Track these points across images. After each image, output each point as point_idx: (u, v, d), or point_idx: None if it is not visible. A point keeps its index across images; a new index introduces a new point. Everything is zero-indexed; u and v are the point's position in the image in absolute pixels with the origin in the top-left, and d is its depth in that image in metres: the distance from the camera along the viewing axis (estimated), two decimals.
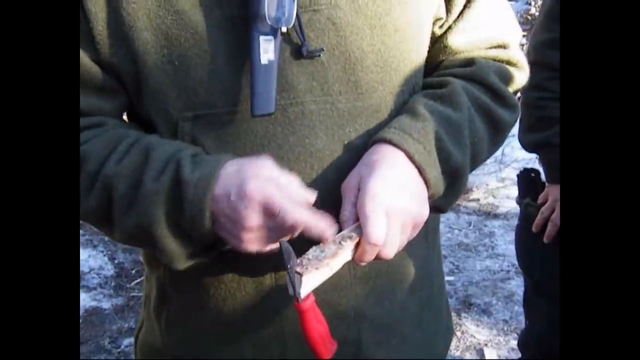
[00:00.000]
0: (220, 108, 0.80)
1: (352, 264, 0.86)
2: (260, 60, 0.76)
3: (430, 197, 0.82)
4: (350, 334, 0.88)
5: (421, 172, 0.80)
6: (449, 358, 2.37)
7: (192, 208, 0.75)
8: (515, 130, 4.31)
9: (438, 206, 0.87)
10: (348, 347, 0.89)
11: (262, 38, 0.76)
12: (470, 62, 0.92)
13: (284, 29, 0.77)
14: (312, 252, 0.75)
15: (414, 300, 0.94)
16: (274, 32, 0.76)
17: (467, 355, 2.40)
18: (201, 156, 0.78)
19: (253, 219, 0.73)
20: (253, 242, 0.75)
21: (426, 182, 0.81)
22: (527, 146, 1.53)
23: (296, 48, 0.79)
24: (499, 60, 0.93)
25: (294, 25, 0.77)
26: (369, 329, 0.89)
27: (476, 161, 0.90)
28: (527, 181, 1.60)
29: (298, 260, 0.73)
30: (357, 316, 0.88)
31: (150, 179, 0.76)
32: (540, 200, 1.53)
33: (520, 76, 0.94)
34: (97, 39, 0.79)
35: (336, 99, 0.81)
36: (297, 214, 0.73)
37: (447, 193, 0.86)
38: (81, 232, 3.09)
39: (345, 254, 0.76)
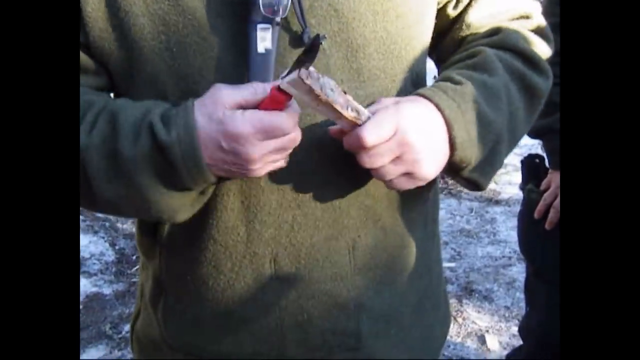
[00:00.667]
0: None
1: (353, 254, 0.85)
2: (257, 49, 0.75)
3: (459, 164, 0.80)
4: (350, 324, 0.88)
5: (449, 129, 0.78)
6: (450, 344, 2.38)
7: (187, 167, 0.74)
8: None
9: (475, 180, 0.84)
10: (348, 338, 0.88)
11: (259, 27, 0.75)
12: (496, 31, 0.89)
13: (278, 19, 0.76)
14: (326, 80, 0.71)
15: (413, 290, 0.93)
16: (270, 20, 0.75)
17: (469, 342, 2.40)
18: (168, 113, 0.76)
19: (256, 150, 0.73)
20: (263, 168, 0.75)
21: (452, 142, 0.78)
22: (531, 132, 1.51)
23: (297, 36, 0.78)
24: None
25: (295, 12, 0.76)
26: (369, 319, 0.89)
27: (515, 133, 0.86)
28: (531, 167, 1.59)
29: (313, 69, 0.70)
30: (357, 307, 0.88)
31: (125, 147, 0.75)
32: (543, 186, 1.52)
33: (548, 46, 0.92)
34: (85, 21, 0.78)
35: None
36: (292, 120, 0.72)
37: (485, 165, 0.83)
38: (82, 217, 3.09)
39: (342, 111, 0.73)
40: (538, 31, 0.92)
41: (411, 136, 0.75)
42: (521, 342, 1.78)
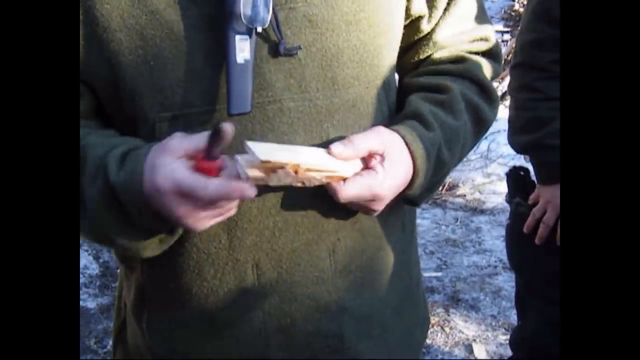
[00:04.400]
0: (198, 108, 0.79)
1: (333, 257, 0.87)
2: (236, 60, 0.76)
3: (404, 197, 0.87)
4: (332, 327, 0.89)
5: (414, 176, 0.85)
6: (438, 354, 2.38)
7: (133, 210, 0.75)
8: (500, 126, 4.31)
9: (414, 199, 0.91)
10: (331, 340, 0.89)
11: (237, 37, 0.76)
12: (461, 59, 0.96)
13: (259, 29, 0.77)
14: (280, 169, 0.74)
15: (394, 291, 0.95)
16: (249, 31, 0.76)
17: (456, 351, 2.40)
18: (131, 153, 0.77)
19: (177, 207, 0.73)
20: (198, 222, 0.75)
21: (411, 184, 0.86)
22: (518, 147, 1.52)
23: (273, 46, 0.80)
24: (481, 53, 0.97)
25: (270, 23, 0.77)
26: (350, 321, 0.90)
27: (460, 160, 0.97)
28: (517, 180, 1.60)
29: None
30: (338, 309, 0.89)
31: (85, 184, 0.77)
32: (531, 201, 1.52)
33: (499, 68, 1.00)
34: None
35: (314, 96, 0.82)
36: (209, 189, 0.71)
37: (426, 193, 0.91)
38: None
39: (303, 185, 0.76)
40: (492, 52, 0.99)
41: (385, 195, 0.82)
42: (509, 352, 1.78)
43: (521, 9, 4.62)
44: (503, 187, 4.10)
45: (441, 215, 3.38)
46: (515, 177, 1.60)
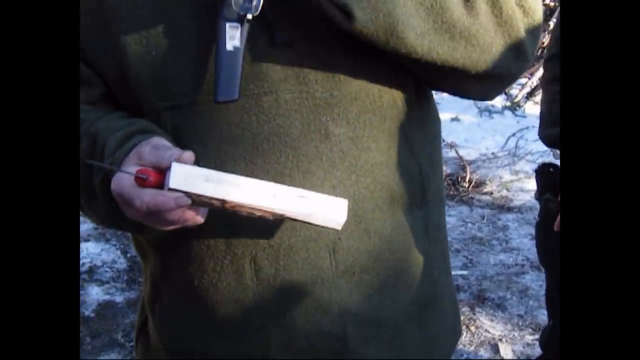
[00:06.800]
0: (196, 97, 0.80)
1: (334, 257, 0.84)
2: (225, 47, 0.75)
3: None
4: (334, 328, 0.86)
5: None
6: (463, 353, 2.36)
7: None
8: (528, 122, 4.26)
9: (343, 1, 0.74)
10: (334, 343, 0.87)
11: (228, 25, 0.75)
12: None
13: (249, 16, 0.76)
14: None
15: (410, 297, 0.91)
16: (240, 19, 0.75)
17: (482, 351, 2.38)
18: (125, 144, 0.77)
19: (126, 211, 0.75)
20: (156, 226, 0.76)
21: None
22: (548, 141, 1.49)
23: (270, 36, 0.79)
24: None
25: (267, 12, 0.77)
26: (355, 324, 0.87)
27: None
28: (546, 176, 1.57)
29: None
30: (341, 311, 0.86)
31: (94, 171, 0.79)
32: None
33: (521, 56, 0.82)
34: (81, 30, 0.80)
35: (312, 88, 0.80)
36: (144, 199, 0.71)
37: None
38: (93, 226, 3.10)
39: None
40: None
41: None
42: (535, 352, 1.75)
43: (552, 3, 4.54)
44: (531, 185, 4.05)
45: (467, 212, 3.35)
46: (545, 173, 1.57)
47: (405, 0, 0.75)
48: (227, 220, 0.81)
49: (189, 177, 0.71)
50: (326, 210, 0.77)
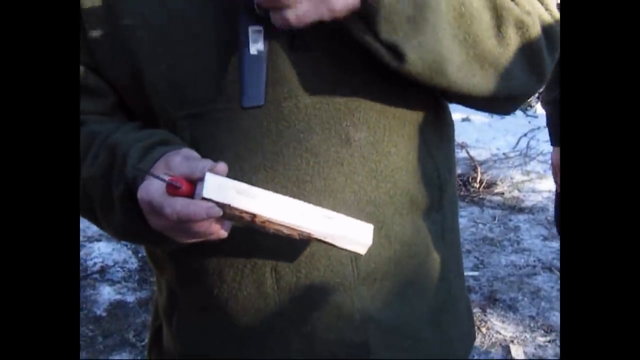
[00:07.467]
0: (215, 104, 0.79)
1: (355, 264, 0.83)
2: (249, 51, 0.74)
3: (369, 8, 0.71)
4: (356, 336, 0.86)
5: None
6: (474, 355, 2.35)
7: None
8: (539, 123, 4.22)
9: (392, 43, 0.73)
10: (356, 351, 0.86)
11: (251, 28, 0.74)
12: None
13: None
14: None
15: (428, 303, 0.91)
16: (263, 22, 0.74)
17: (493, 352, 2.37)
18: (148, 154, 0.76)
19: (152, 221, 0.73)
20: (179, 238, 0.74)
21: None
22: (542, 103, 1.61)
23: (290, 40, 0.78)
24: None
25: None
26: (377, 331, 0.86)
27: (462, 23, 0.76)
28: None
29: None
30: (363, 319, 0.85)
31: (114, 183, 0.77)
32: (554, 161, 1.59)
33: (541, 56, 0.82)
34: (89, 40, 0.79)
35: (332, 92, 0.79)
36: (175, 208, 0.69)
37: (405, 24, 0.73)
38: None
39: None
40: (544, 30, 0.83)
41: None
42: (547, 354, 1.75)
43: None
44: (542, 185, 4.03)
45: (478, 213, 3.34)
46: None
47: (444, 34, 0.74)
48: (246, 230, 0.80)
49: (221, 188, 0.70)
50: (353, 233, 0.76)
